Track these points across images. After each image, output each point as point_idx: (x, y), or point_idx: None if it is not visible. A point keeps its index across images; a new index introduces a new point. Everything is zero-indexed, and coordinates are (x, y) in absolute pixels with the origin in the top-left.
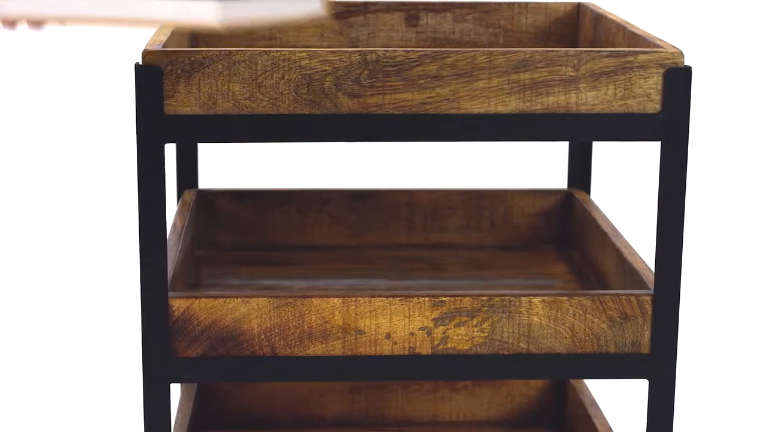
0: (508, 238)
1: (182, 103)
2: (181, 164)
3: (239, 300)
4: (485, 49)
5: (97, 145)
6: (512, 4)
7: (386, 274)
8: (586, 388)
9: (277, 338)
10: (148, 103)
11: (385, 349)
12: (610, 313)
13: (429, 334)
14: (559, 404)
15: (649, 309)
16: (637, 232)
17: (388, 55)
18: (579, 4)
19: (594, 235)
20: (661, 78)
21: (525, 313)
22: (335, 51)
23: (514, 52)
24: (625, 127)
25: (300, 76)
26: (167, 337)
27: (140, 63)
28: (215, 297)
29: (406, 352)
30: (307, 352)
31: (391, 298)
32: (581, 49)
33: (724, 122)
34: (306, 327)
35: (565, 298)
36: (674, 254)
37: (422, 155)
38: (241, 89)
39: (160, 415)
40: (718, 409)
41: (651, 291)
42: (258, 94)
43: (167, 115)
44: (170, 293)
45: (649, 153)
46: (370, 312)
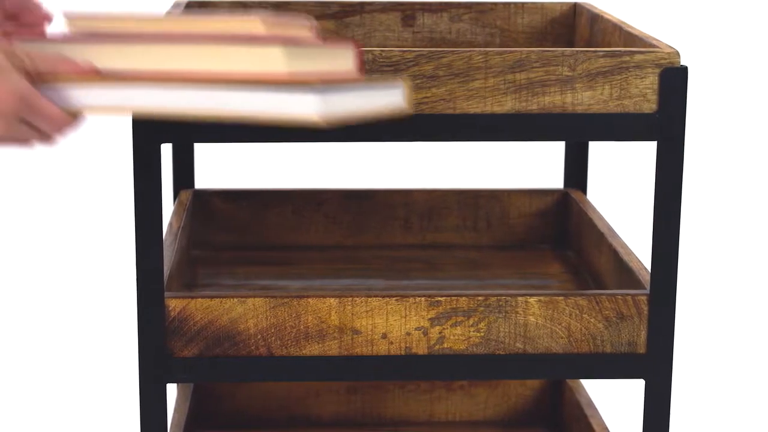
0: (505, 238)
1: None
2: (178, 164)
3: (235, 300)
4: (481, 49)
5: (93, 145)
6: (508, 4)
7: (382, 274)
8: (583, 388)
9: (273, 338)
10: None
11: (382, 349)
12: (607, 313)
13: (425, 334)
14: (556, 404)
15: (646, 309)
16: (634, 232)
17: (384, 54)
18: (575, 4)
19: (590, 235)
20: (657, 78)
21: (521, 313)
22: None
23: (511, 52)
24: (622, 127)
25: None
26: (163, 337)
27: None
28: (211, 297)
29: (403, 352)
30: (304, 352)
31: (388, 298)
32: (577, 49)
33: (720, 122)
34: (302, 327)
35: (561, 298)
36: (670, 254)
37: (418, 155)
38: None
39: (156, 415)
40: (715, 409)
41: (647, 291)
42: None
43: None
44: (166, 293)
45: (645, 153)
46: (367, 312)
